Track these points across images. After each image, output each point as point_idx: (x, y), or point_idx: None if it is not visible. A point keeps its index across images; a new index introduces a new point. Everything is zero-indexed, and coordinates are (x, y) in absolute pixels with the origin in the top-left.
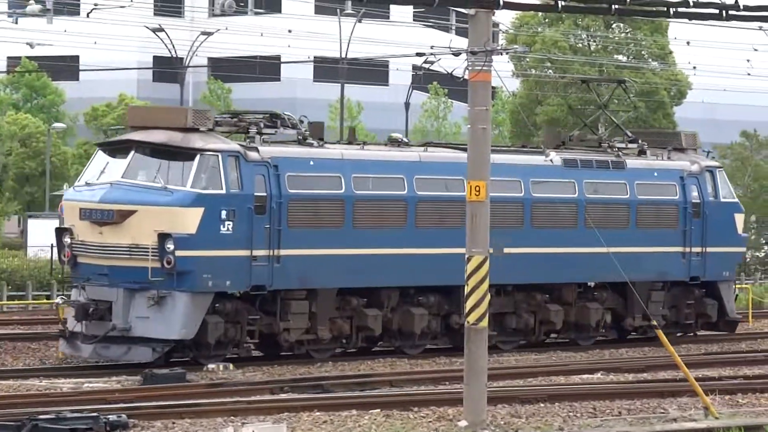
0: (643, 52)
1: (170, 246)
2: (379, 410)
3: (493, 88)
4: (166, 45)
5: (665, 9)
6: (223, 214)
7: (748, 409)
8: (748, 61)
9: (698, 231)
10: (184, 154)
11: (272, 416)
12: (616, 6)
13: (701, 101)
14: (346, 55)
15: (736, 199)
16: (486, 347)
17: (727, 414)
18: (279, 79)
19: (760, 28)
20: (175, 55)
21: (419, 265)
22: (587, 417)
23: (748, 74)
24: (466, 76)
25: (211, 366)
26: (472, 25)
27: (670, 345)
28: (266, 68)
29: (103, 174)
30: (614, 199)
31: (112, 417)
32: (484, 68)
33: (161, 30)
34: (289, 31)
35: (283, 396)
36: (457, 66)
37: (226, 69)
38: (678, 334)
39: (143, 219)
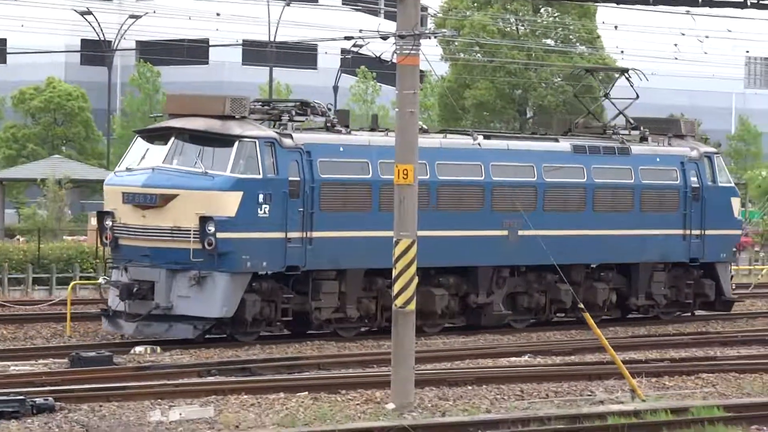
0: (571, 37)
1: (211, 228)
2: (306, 393)
3: (422, 71)
4: (94, 28)
5: None
6: (261, 197)
7: (675, 391)
8: (675, 45)
9: (698, 214)
10: (223, 140)
11: (199, 399)
12: None
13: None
14: (275, 38)
15: (733, 184)
16: (413, 330)
17: (654, 396)
18: (207, 62)
19: (688, 12)
20: (103, 39)
21: (440, 247)
22: (515, 399)
23: (676, 59)
24: (394, 60)
25: (138, 349)
26: (401, 9)
27: (597, 328)
28: (195, 51)
29: (143, 160)
30: (620, 184)
31: (39, 400)
32: (413, 52)
33: (89, 13)
34: (218, 14)
35: (210, 379)
36: (385, 50)
37: (154, 52)
38: (676, 314)
39: (185, 202)
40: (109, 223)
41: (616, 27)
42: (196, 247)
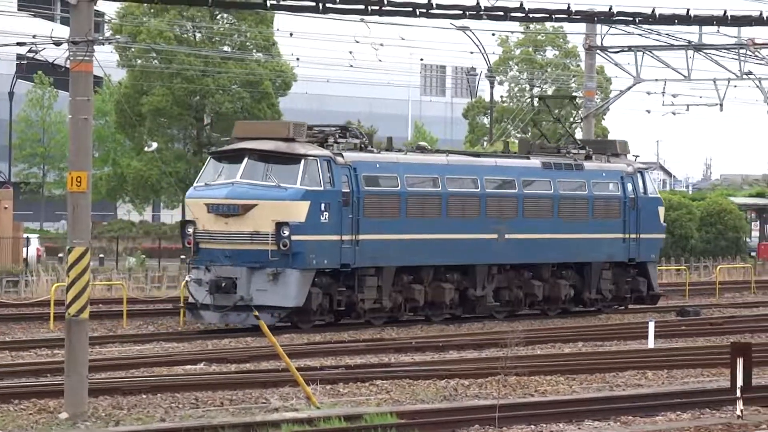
0: (248, 43)
1: (286, 232)
2: None
3: (99, 77)
4: None
5: (262, 2)
6: (322, 206)
7: (349, 398)
8: (350, 53)
9: (634, 221)
10: (291, 159)
11: None
12: None
13: (305, 92)
14: None
15: (659, 195)
16: (87, 339)
17: (328, 403)
18: None
19: (362, 20)
20: None
21: (449, 248)
22: (189, 408)
23: (351, 66)
24: (68, 66)
25: None
26: (74, 15)
27: (272, 335)
28: None
29: (219, 176)
30: (578, 195)
31: None
32: (86, 58)
33: None
34: None
35: None
36: (59, 56)
37: None
38: (614, 306)
39: (263, 211)
40: (190, 230)
41: (291, 34)
42: (273, 248)
